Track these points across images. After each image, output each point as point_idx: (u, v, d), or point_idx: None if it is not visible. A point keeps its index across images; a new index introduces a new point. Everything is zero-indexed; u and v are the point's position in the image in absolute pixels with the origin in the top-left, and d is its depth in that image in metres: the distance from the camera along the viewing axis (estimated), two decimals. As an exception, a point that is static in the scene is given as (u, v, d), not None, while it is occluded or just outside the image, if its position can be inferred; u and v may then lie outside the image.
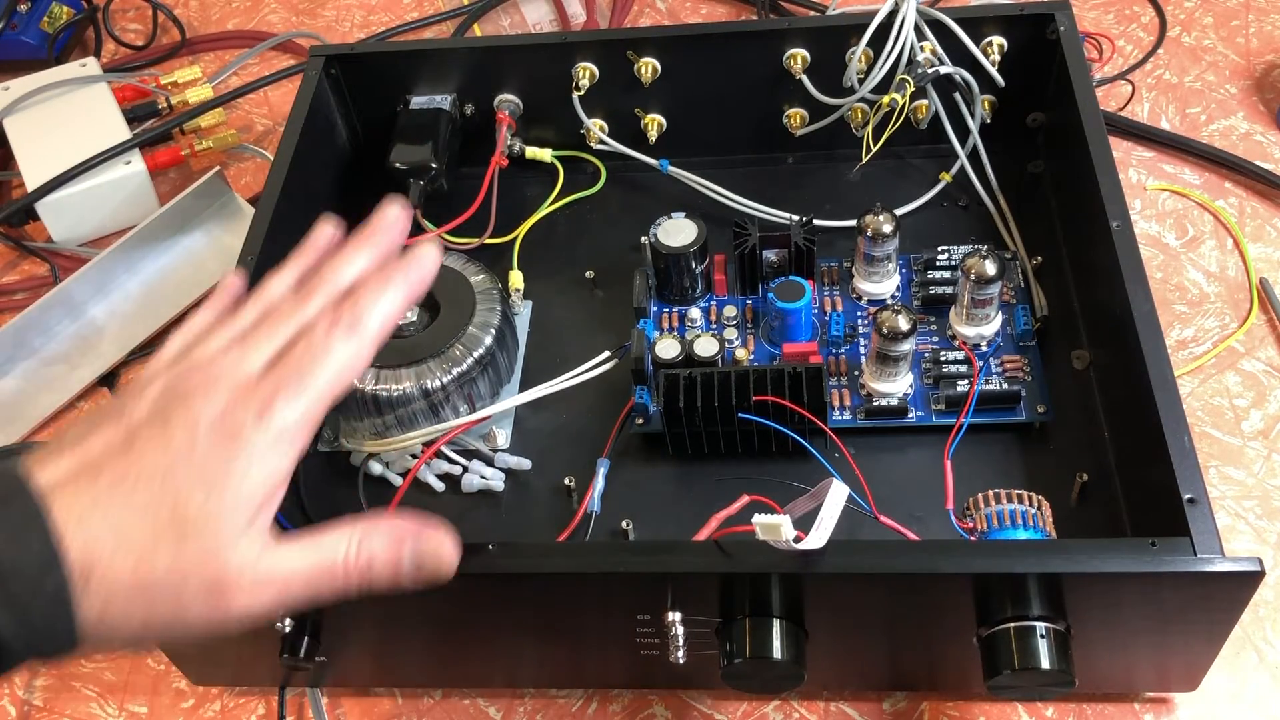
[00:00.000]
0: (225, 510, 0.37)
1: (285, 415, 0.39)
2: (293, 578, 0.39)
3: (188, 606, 0.37)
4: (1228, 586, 0.46)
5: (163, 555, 0.36)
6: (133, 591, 0.36)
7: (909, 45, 0.68)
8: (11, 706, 0.61)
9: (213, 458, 0.37)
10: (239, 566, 0.38)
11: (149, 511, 0.36)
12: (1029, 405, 0.61)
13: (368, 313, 0.41)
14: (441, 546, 0.43)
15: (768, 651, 0.48)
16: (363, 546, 0.40)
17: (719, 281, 0.68)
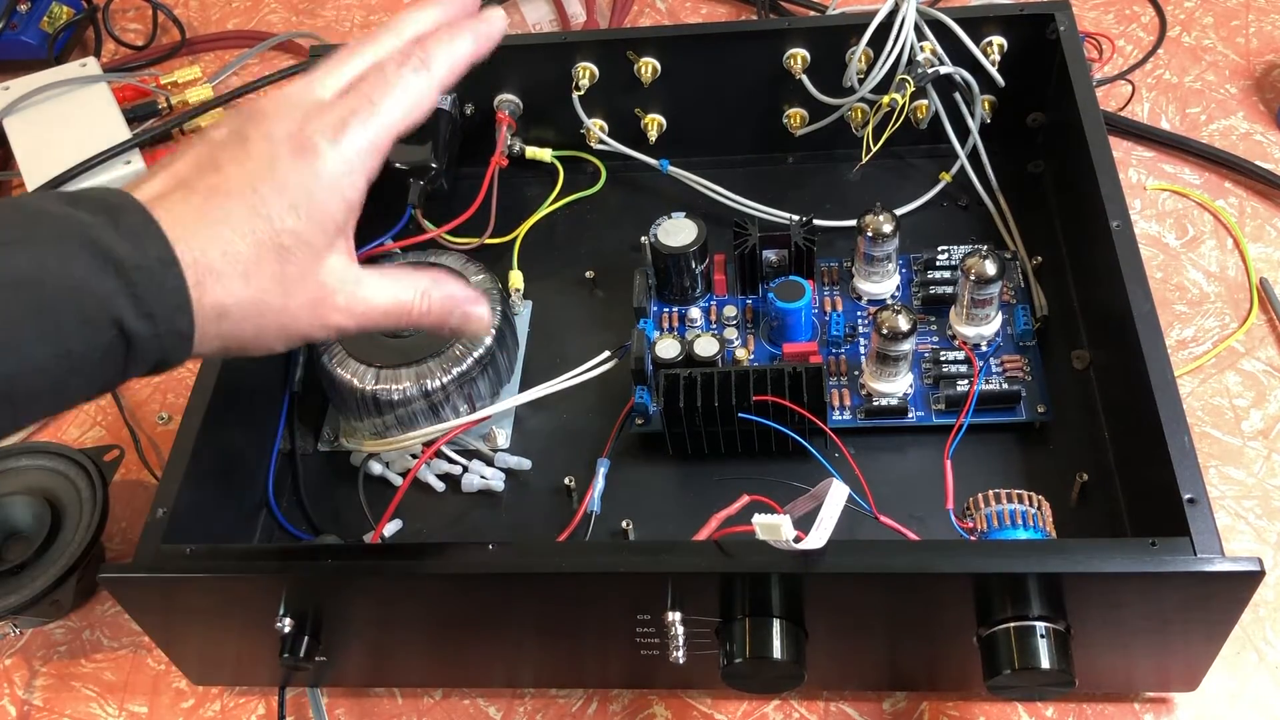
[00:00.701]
0: (314, 229, 0.40)
1: (356, 136, 0.41)
2: (374, 305, 0.42)
3: (296, 317, 0.40)
4: (1228, 586, 0.46)
5: (267, 269, 0.39)
6: (246, 303, 0.38)
7: (909, 45, 0.68)
8: (12, 706, 0.61)
9: (292, 174, 0.40)
10: (336, 284, 0.41)
11: (247, 227, 0.38)
12: (1029, 405, 0.61)
13: (436, 54, 0.44)
14: (481, 322, 0.47)
15: (768, 651, 0.48)
16: (427, 298, 0.44)
17: (719, 281, 0.68)
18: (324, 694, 0.59)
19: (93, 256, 0.35)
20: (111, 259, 0.35)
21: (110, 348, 0.36)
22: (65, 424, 0.73)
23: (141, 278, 0.36)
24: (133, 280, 0.35)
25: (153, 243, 0.36)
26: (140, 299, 0.36)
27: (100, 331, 0.35)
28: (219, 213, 0.38)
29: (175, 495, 0.54)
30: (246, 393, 0.62)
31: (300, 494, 0.64)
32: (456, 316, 0.45)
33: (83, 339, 0.35)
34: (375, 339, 0.64)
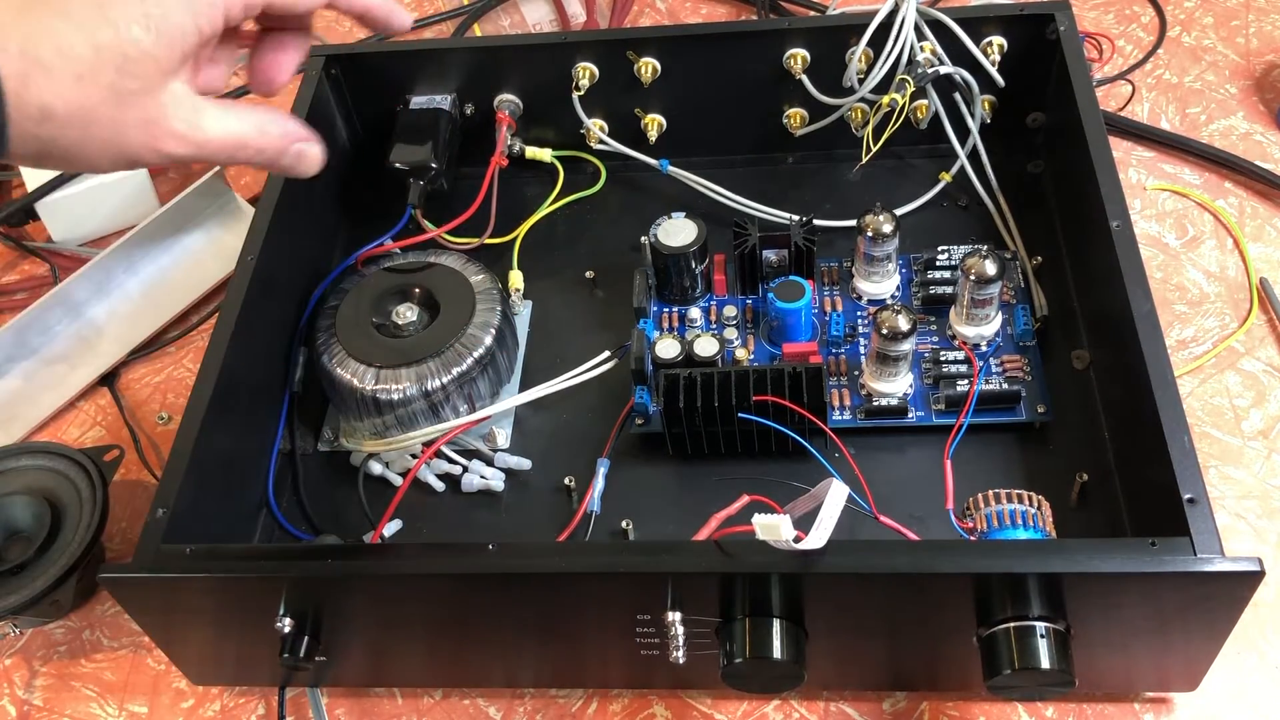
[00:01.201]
0: (162, 45, 0.38)
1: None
2: (211, 136, 0.41)
3: (126, 134, 0.38)
4: (1228, 586, 0.46)
5: (104, 77, 0.37)
6: (74, 108, 0.36)
7: (909, 45, 0.68)
8: (11, 706, 0.61)
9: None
10: (174, 109, 0.39)
11: (90, 28, 0.36)
12: (1029, 405, 0.61)
13: None
14: (312, 161, 0.45)
15: (768, 651, 0.48)
16: (264, 134, 0.42)
17: (719, 281, 0.68)
18: (324, 694, 0.59)
19: None
20: None
21: None
22: (65, 424, 0.73)
23: None
24: None
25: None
26: None
27: None
28: (59, 7, 0.36)
29: (175, 495, 0.54)
30: (246, 393, 0.62)
31: (300, 494, 0.64)
32: (290, 155, 0.44)
33: None
34: (375, 339, 0.64)
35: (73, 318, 0.76)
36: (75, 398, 0.74)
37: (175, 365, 0.75)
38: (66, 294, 0.75)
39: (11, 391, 0.74)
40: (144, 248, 0.78)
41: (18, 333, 0.74)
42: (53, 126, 0.36)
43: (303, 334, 0.67)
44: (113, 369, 0.75)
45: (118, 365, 0.75)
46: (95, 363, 0.75)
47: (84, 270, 0.75)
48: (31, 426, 0.72)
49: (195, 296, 0.77)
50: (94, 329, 0.76)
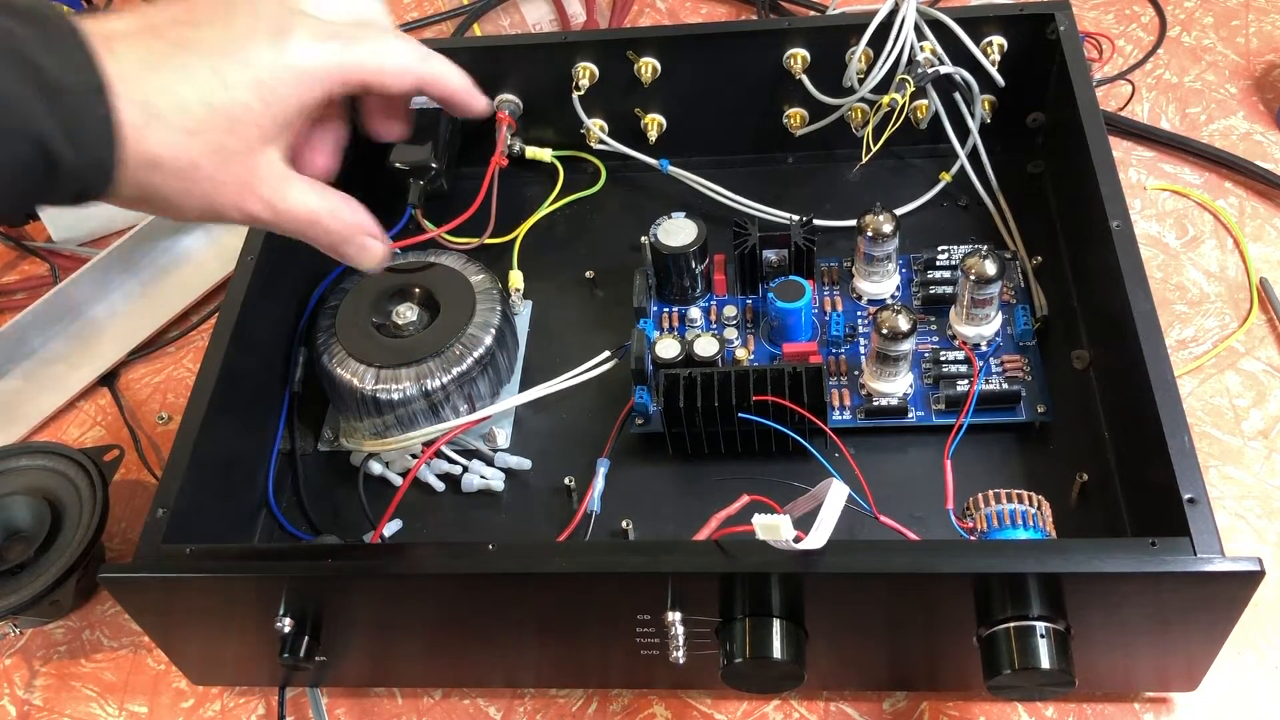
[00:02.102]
0: (267, 113, 0.40)
1: (333, 51, 0.42)
2: (292, 209, 0.43)
3: (220, 192, 0.40)
4: (1228, 586, 0.46)
5: (212, 135, 0.39)
6: (181, 160, 0.38)
7: (909, 45, 0.68)
8: (12, 706, 0.61)
9: (265, 53, 0.40)
10: (266, 175, 0.41)
11: (205, 88, 0.38)
12: (1029, 405, 0.61)
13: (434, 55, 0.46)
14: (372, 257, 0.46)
15: (768, 651, 0.48)
16: (336, 218, 0.44)
17: (719, 281, 0.68)
18: (324, 694, 0.59)
19: (18, 70, 0.34)
20: (39, 76, 0.34)
21: (29, 166, 0.35)
22: (65, 424, 0.73)
23: (70, 101, 0.35)
24: (61, 102, 0.35)
25: (84, 67, 0.36)
26: (67, 123, 0.35)
27: (18, 147, 0.34)
28: (180, 65, 0.38)
29: (175, 495, 0.54)
30: (246, 393, 0.62)
31: (300, 494, 0.64)
32: (354, 244, 0.45)
33: (3, 152, 0.34)
34: (375, 339, 0.64)
35: (73, 318, 0.76)
36: (75, 398, 0.74)
37: (175, 365, 0.75)
38: (66, 294, 0.75)
39: (11, 391, 0.74)
40: (144, 248, 0.78)
41: (18, 333, 0.74)
42: (157, 175, 0.38)
43: (303, 334, 0.67)
44: (113, 369, 0.75)
45: (118, 365, 0.75)
46: (95, 363, 0.75)
47: (84, 270, 0.75)
48: (31, 426, 0.72)
49: (195, 296, 0.77)
50: (94, 329, 0.76)
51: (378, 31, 0.44)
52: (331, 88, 0.42)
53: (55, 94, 0.35)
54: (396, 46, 0.44)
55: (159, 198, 0.39)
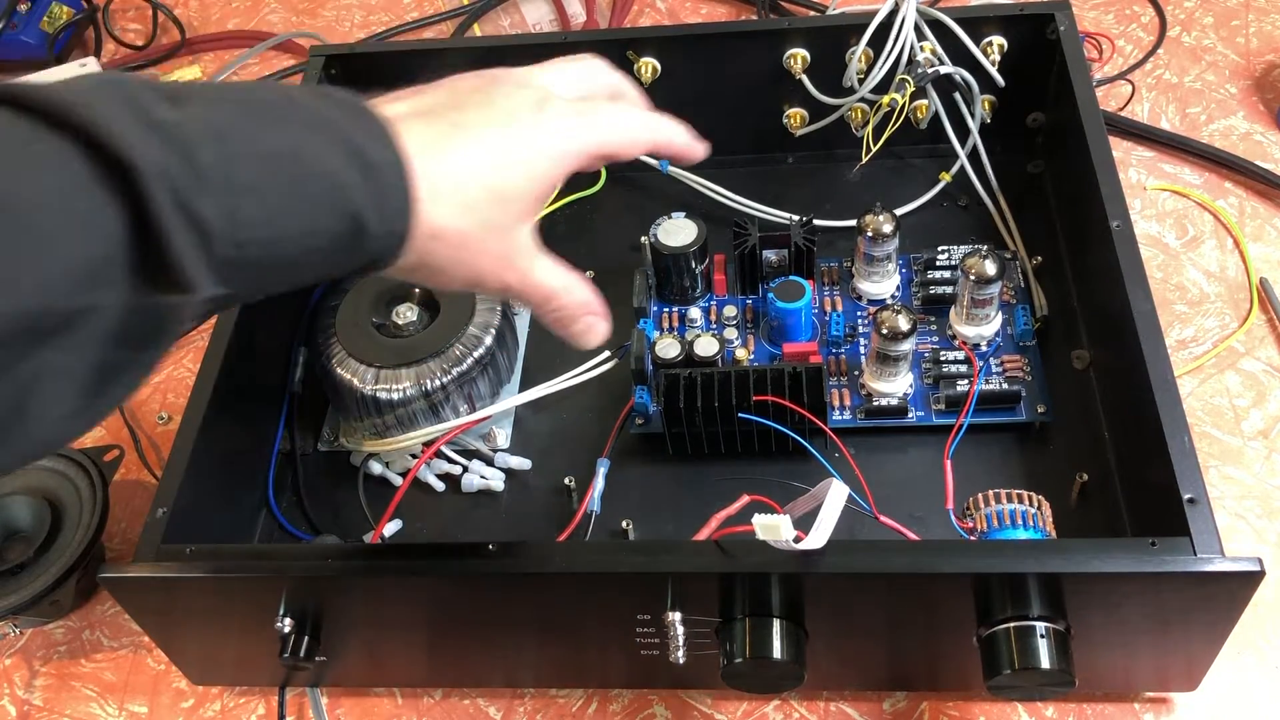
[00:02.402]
0: (528, 190, 0.42)
1: (583, 130, 0.44)
2: (539, 282, 0.45)
3: (485, 263, 0.42)
4: (1228, 586, 0.46)
5: (484, 212, 0.41)
6: (456, 233, 0.40)
7: (909, 45, 0.68)
8: (12, 706, 0.61)
9: (526, 133, 0.42)
10: (522, 248, 0.44)
11: (479, 168, 0.41)
12: (1029, 405, 0.61)
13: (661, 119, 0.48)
14: (595, 338, 0.49)
15: (768, 651, 0.48)
16: (570, 295, 0.47)
17: (719, 281, 0.68)
18: (324, 694, 0.59)
19: (341, 148, 0.36)
20: (357, 154, 0.37)
21: (342, 237, 0.37)
22: (65, 424, 0.73)
23: (380, 177, 0.37)
24: (373, 175, 0.37)
25: (389, 147, 0.38)
26: (377, 195, 0.37)
27: (340, 219, 0.36)
28: (458, 146, 0.40)
29: (175, 495, 0.54)
30: (246, 393, 0.62)
31: (300, 494, 0.64)
32: (581, 324, 0.48)
33: (325, 221, 0.36)
34: (375, 339, 0.64)
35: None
36: (75, 398, 0.74)
37: (175, 365, 0.75)
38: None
39: (11, 391, 0.74)
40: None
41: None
42: (436, 245, 0.40)
43: (303, 334, 0.67)
44: (113, 369, 0.75)
45: (118, 365, 0.75)
46: (95, 363, 0.74)
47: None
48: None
49: (195, 296, 0.77)
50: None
51: (612, 106, 0.47)
52: (581, 163, 0.44)
53: (370, 170, 0.37)
54: (633, 118, 0.47)
55: (432, 266, 0.41)
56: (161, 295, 0.33)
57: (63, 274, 0.30)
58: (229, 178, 0.33)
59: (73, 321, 0.31)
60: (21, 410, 0.31)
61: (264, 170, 0.34)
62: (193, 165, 0.32)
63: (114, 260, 0.31)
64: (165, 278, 0.32)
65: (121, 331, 0.32)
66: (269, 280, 0.36)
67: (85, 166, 0.31)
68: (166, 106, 0.33)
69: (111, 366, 0.33)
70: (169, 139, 0.32)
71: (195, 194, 0.32)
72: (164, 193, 0.32)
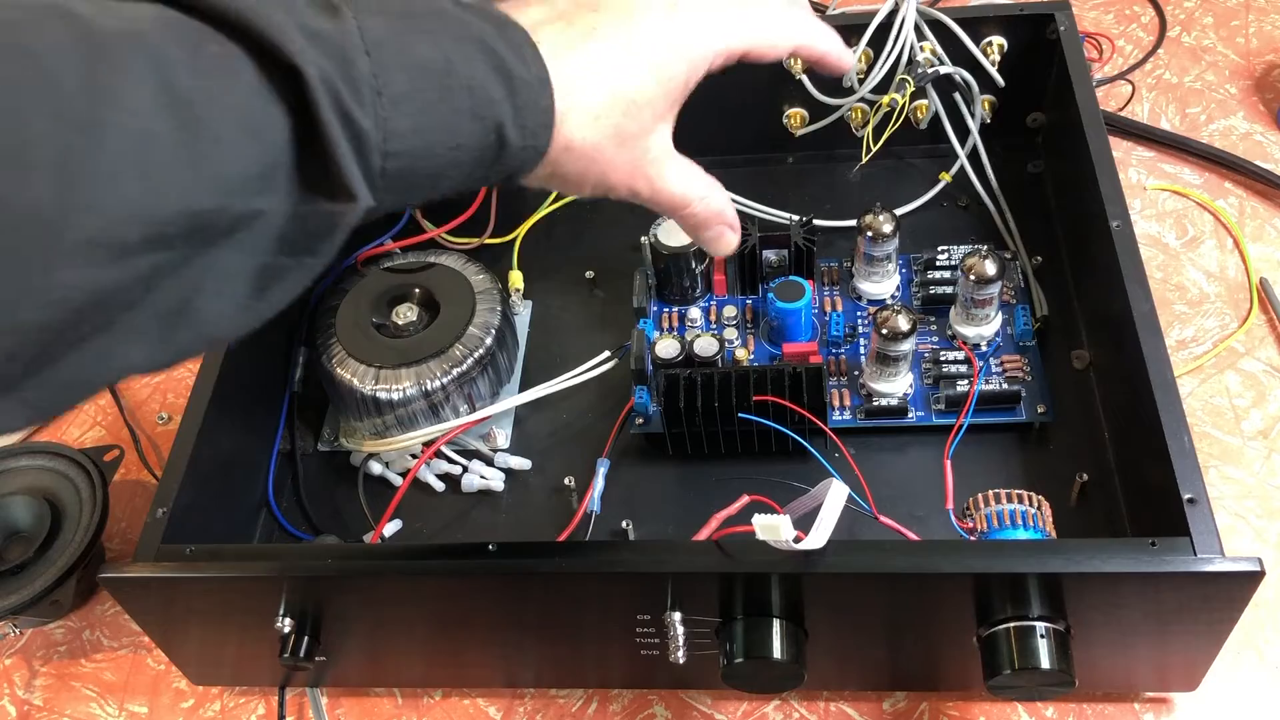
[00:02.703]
0: (661, 94, 0.42)
1: (720, 26, 0.43)
2: (670, 187, 0.45)
3: (616, 170, 0.42)
4: (1228, 586, 0.46)
5: (614, 120, 0.41)
6: (588, 144, 0.40)
7: (909, 45, 0.68)
8: (12, 706, 0.61)
9: (660, 33, 0.42)
10: (655, 154, 0.43)
11: (611, 75, 0.40)
12: (1029, 405, 0.61)
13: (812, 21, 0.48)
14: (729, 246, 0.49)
15: (768, 651, 0.48)
16: (705, 203, 0.47)
17: (719, 281, 0.68)
18: (324, 694, 0.59)
19: (487, 60, 0.36)
20: (502, 67, 0.37)
21: (486, 148, 0.37)
22: (65, 424, 0.73)
23: (523, 90, 0.37)
24: (516, 90, 0.37)
25: (533, 61, 0.38)
26: (519, 109, 0.37)
27: (485, 131, 0.36)
28: (590, 53, 0.40)
29: (175, 495, 0.54)
30: (246, 393, 0.62)
31: (300, 494, 0.64)
32: (713, 230, 0.48)
33: (470, 134, 0.36)
34: (375, 339, 0.64)
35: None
36: (75, 398, 0.74)
37: (175, 365, 0.75)
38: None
39: (11, 391, 0.74)
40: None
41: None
42: (568, 156, 0.40)
43: (303, 334, 0.67)
44: (113, 369, 0.75)
45: (118, 365, 0.75)
46: (95, 363, 0.74)
47: (84, 270, 0.75)
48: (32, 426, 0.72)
49: (195, 296, 0.77)
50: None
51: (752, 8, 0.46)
52: (717, 62, 0.44)
53: (514, 85, 0.37)
54: (780, 18, 0.46)
55: (562, 176, 0.41)
56: (325, 202, 0.33)
57: (235, 176, 0.30)
58: (383, 89, 0.33)
59: (240, 223, 0.31)
60: (189, 305, 0.31)
61: (415, 82, 0.34)
62: (351, 75, 0.32)
63: (281, 165, 0.32)
64: (329, 185, 0.33)
65: (286, 236, 0.33)
66: (412, 191, 0.36)
67: (255, 72, 0.31)
68: (324, 16, 0.33)
69: (275, 270, 0.33)
70: (330, 48, 0.32)
71: (354, 104, 0.32)
72: (329, 101, 0.32)
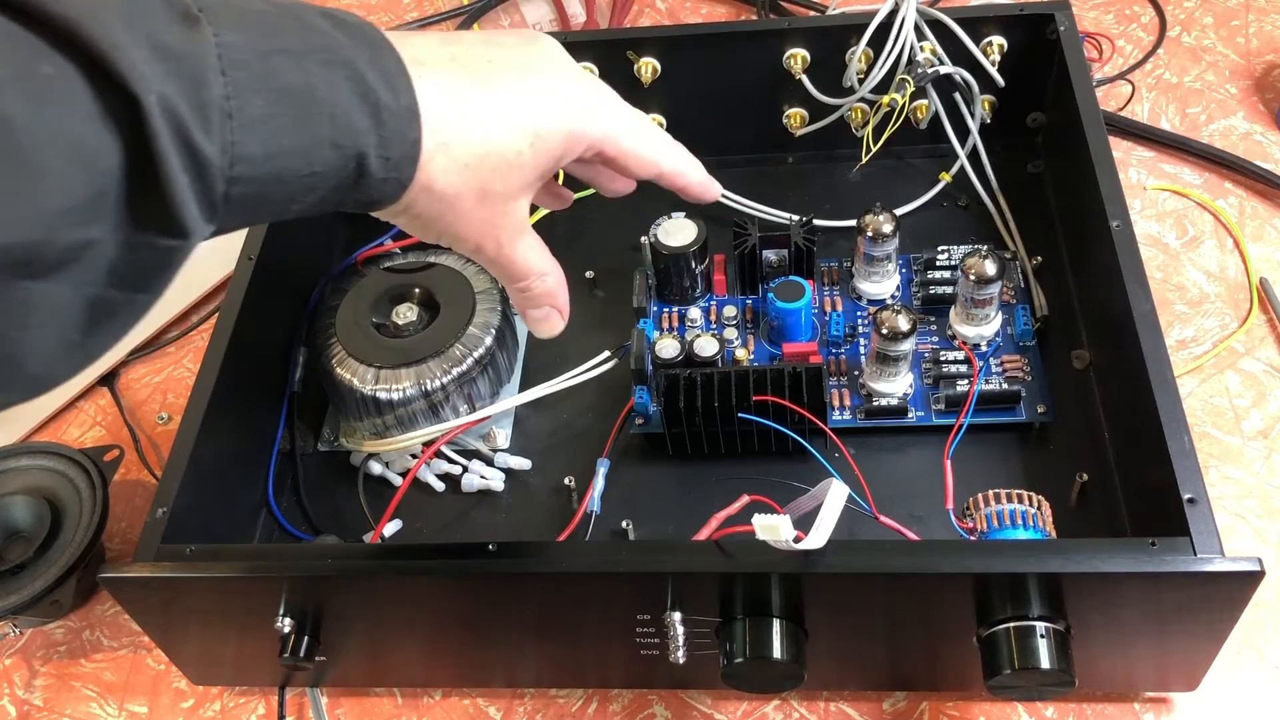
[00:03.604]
0: (533, 163, 0.41)
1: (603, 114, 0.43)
2: (515, 259, 0.44)
3: (468, 225, 0.41)
4: (1228, 586, 0.46)
5: (482, 175, 0.40)
6: (450, 190, 0.39)
7: (909, 45, 0.68)
8: (12, 706, 0.61)
9: (544, 101, 0.41)
10: (511, 221, 0.42)
11: (494, 129, 0.40)
12: (1029, 405, 0.61)
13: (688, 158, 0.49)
14: (550, 329, 0.48)
15: (768, 651, 0.48)
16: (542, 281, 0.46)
17: (719, 281, 0.68)
18: (324, 694, 0.59)
19: (354, 87, 0.35)
20: (369, 96, 0.36)
21: (344, 177, 0.36)
22: (65, 424, 0.73)
23: (390, 120, 0.36)
24: (382, 120, 0.36)
25: (404, 91, 0.37)
26: (384, 140, 0.36)
27: (344, 159, 0.36)
28: (475, 101, 0.39)
29: (175, 495, 0.54)
30: (246, 393, 0.62)
31: (300, 494, 0.64)
32: (543, 310, 0.47)
33: (327, 161, 0.35)
34: (375, 339, 0.64)
35: (73, 318, 0.76)
36: (75, 398, 0.74)
37: (175, 365, 0.75)
38: (66, 294, 0.75)
39: (11, 391, 0.74)
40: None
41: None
42: (426, 197, 0.39)
43: (303, 334, 0.67)
44: (113, 369, 0.75)
45: (118, 365, 0.75)
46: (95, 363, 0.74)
47: (84, 270, 0.75)
48: (31, 426, 0.72)
49: (195, 296, 0.77)
50: (94, 329, 0.76)
51: (635, 114, 0.46)
52: (590, 151, 0.43)
53: (380, 114, 0.36)
54: (653, 135, 0.46)
55: (414, 215, 0.40)
56: (157, 236, 0.31)
57: (58, 208, 0.28)
58: (235, 112, 0.32)
59: (69, 254, 0.29)
60: (12, 345, 0.30)
61: (273, 107, 0.33)
62: (200, 98, 0.31)
63: (111, 194, 0.30)
64: (161, 218, 0.31)
65: (118, 268, 0.31)
66: (259, 214, 0.35)
67: (91, 97, 0.29)
68: (181, 29, 0.31)
69: (106, 305, 0.32)
70: (179, 68, 0.30)
71: (199, 130, 0.31)
72: (169, 131, 0.30)
